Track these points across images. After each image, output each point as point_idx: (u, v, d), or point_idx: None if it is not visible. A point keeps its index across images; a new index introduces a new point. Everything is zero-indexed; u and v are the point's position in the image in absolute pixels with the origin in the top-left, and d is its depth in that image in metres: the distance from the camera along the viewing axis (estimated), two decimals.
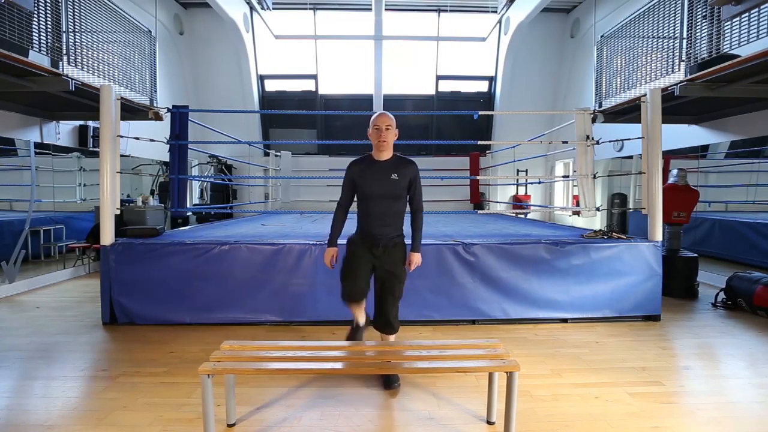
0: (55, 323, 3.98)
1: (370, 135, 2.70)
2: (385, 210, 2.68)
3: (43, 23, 3.96)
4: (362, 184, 2.69)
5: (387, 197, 2.67)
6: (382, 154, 2.70)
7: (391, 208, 2.69)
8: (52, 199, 5.93)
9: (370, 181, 2.67)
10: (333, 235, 2.80)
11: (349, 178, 2.74)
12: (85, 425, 2.30)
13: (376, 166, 2.69)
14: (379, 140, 2.65)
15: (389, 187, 2.66)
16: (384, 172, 2.67)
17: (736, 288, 4.49)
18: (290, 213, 7.50)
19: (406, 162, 2.73)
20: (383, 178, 2.66)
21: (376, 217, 2.68)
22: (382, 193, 2.66)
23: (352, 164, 2.76)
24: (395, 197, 2.68)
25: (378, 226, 2.68)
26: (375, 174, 2.67)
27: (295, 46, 9.92)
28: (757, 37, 3.53)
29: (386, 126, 2.65)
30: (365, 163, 2.73)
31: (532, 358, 3.21)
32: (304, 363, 2.22)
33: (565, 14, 9.71)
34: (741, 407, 2.55)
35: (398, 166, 2.69)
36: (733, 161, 5.81)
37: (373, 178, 2.67)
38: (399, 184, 2.67)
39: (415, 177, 2.73)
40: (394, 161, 2.71)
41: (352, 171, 2.73)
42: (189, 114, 4.99)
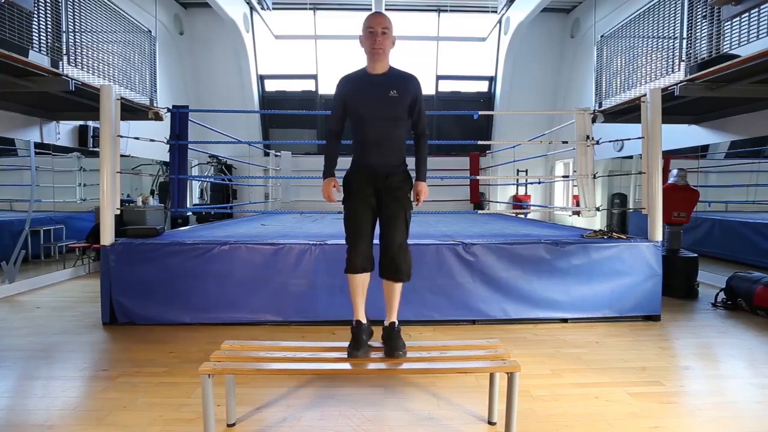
0: (55, 323, 3.98)
1: (362, 41, 2.28)
2: (385, 135, 2.31)
3: (43, 23, 3.96)
4: (356, 105, 2.30)
5: (386, 119, 2.29)
6: (377, 66, 2.29)
7: (391, 132, 2.32)
8: (52, 199, 5.93)
9: (365, 101, 2.29)
10: (328, 165, 2.41)
11: (340, 98, 2.35)
12: (85, 425, 2.30)
13: (371, 82, 2.29)
14: (374, 46, 2.23)
15: (388, 106, 2.27)
16: (381, 88, 2.27)
17: (736, 288, 4.49)
18: (290, 213, 7.50)
19: (406, 76, 2.34)
20: (380, 96, 2.27)
21: (373, 144, 2.32)
22: (379, 114, 2.28)
23: (342, 80, 2.37)
24: (395, 119, 2.31)
25: (377, 155, 2.33)
26: (370, 91, 2.28)
27: (295, 46, 9.92)
28: (757, 37, 3.53)
29: (383, 29, 2.22)
30: (358, 79, 2.32)
31: (532, 358, 3.21)
32: (304, 363, 2.22)
33: (565, 14, 9.71)
34: (741, 407, 2.55)
35: (397, 80, 2.29)
36: (733, 161, 5.81)
37: (368, 96, 2.28)
38: (399, 102, 2.28)
39: (418, 94, 2.35)
40: (393, 75, 2.31)
41: (343, 89, 2.34)
42: (189, 114, 4.99)
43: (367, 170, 2.36)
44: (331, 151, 2.44)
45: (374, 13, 2.32)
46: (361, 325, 2.36)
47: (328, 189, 2.39)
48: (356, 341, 2.29)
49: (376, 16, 2.29)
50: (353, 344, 2.28)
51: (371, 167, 2.35)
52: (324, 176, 2.40)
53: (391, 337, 2.30)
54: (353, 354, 2.24)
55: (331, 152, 2.44)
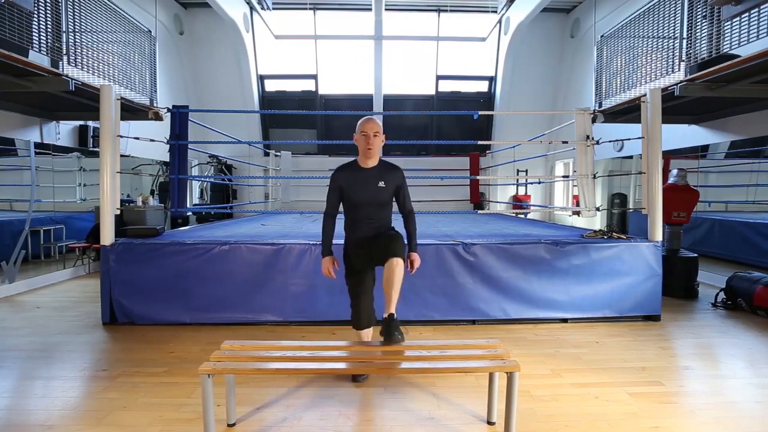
0: (55, 323, 3.98)
1: (357, 141, 2.68)
2: (372, 216, 2.69)
3: (43, 23, 3.96)
4: (349, 193, 2.67)
5: (374, 204, 2.67)
6: (368, 161, 2.69)
7: (379, 213, 2.70)
8: (52, 199, 5.93)
9: (357, 190, 2.66)
10: (326, 245, 2.74)
11: (336, 186, 2.70)
12: (85, 425, 2.30)
13: (362, 174, 2.67)
14: (366, 147, 2.62)
15: (376, 195, 2.66)
16: (371, 180, 2.65)
17: (736, 288, 4.49)
18: (290, 213, 7.50)
19: (392, 168, 2.73)
20: (370, 187, 2.65)
21: (364, 223, 2.69)
22: (369, 201, 2.66)
23: (338, 171, 2.72)
24: (383, 204, 2.70)
25: (366, 229, 2.69)
26: (362, 182, 2.66)
27: (295, 46, 9.92)
28: (757, 37, 3.53)
29: (374, 133, 2.62)
30: (352, 171, 2.70)
31: (532, 358, 3.21)
32: (304, 363, 2.22)
33: (565, 14, 9.72)
34: (741, 407, 2.55)
35: (385, 173, 2.68)
36: (733, 161, 5.81)
37: (360, 186, 2.66)
38: (386, 191, 2.67)
39: (402, 182, 2.73)
40: (381, 168, 2.70)
41: (338, 178, 2.70)
42: (189, 114, 4.99)
43: (359, 241, 2.71)
44: (328, 232, 2.75)
45: (367, 119, 2.66)
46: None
47: (328, 266, 2.72)
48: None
49: (369, 121, 2.65)
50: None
51: (361, 241, 2.70)
52: (323, 254, 2.74)
53: (390, 326, 2.42)
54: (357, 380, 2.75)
55: (329, 231, 2.76)
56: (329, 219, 2.75)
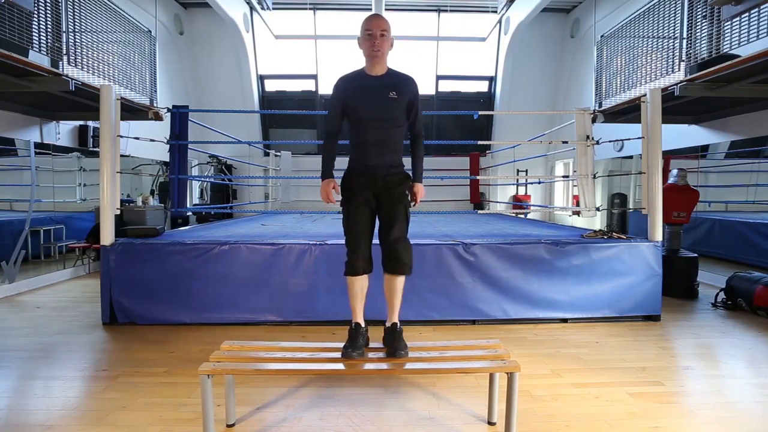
0: (55, 323, 3.98)
1: (361, 43, 2.30)
2: (384, 137, 2.32)
3: (43, 23, 3.96)
4: (355, 106, 2.30)
5: (385, 120, 2.30)
6: (375, 68, 2.30)
7: (390, 134, 2.33)
8: (52, 199, 5.93)
9: (365, 102, 2.29)
10: (326, 166, 2.39)
11: (339, 99, 2.34)
12: (85, 425, 2.30)
13: (369, 83, 2.30)
14: (372, 48, 2.24)
15: (387, 108, 2.28)
16: (380, 90, 2.28)
17: (736, 288, 4.49)
18: (290, 213, 7.51)
19: (404, 77, 2.35)
20: (380, 98, 2.27)
21: (372, 145, 2.32)
22: (379, 115, 2.29)
23: (340, 81, 2.36)
24: (394, 120, 2.32)
25: (375, 156, 2.32)
26: (370, 93, 2.28)
27: (295, 46, 9.92)
28: (757, 37, 3.53)
29: (381, 31, 2.24)
30: (357, 80, 2.33)
31: (532, 358, 3.21)
32: (304, 363, 2.22)
33: (565, 14, 9.71)
34: (741, 407, 2.55)
35: (396, 82, 2.31)
36: (733, 161, 5.81)
37: (367, 97, 2.28)
38: (398, 104, 2.30)
39: (416, 95, 2.37)
40: (391, 76, 2.33)
41: (341, 90, 2.33)
42: (189, 114, 4.99)
43: (365, 171, 2.36)
44: (329, 153, 2.43)
45: (372, 15, 2.33)
46: (360, 327, 2.36)
47: (326, 190, 2.38)
48: (352, 342, 2.29)
49: (375, 18, 2.30)
50: (349, 344, 2.28)
51: (369, 168, 2.35)
52: (322, 177, 2.39)
53: (393, 337, 2.30)
54: (348, 354, 2.22)
55: (330, 153, 2.43)
56: (331, 138, 2.42)
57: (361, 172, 2.37)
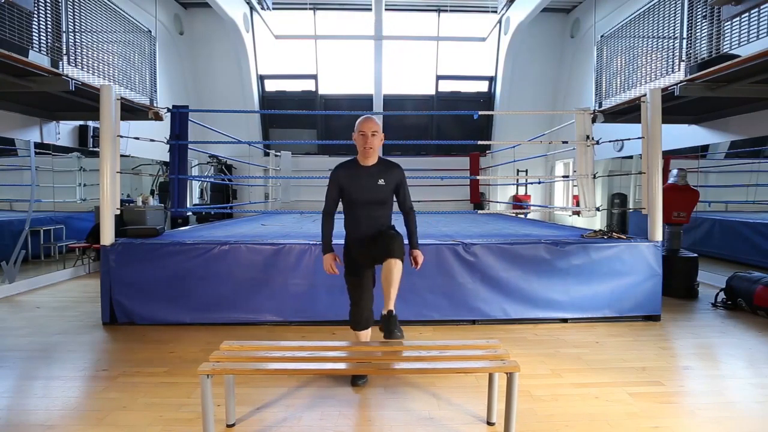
0: (55, 323, 3.98)
1: (356, 140, 2.68)
2: (373, 214, 2.69)
3: (43, 23, 3.96)
4: (349, 191, 2.67)
5: (374, 203, 2.67)
6: (368, 160, 2.68)
7: (379, 212, 2.70)
8: (52, 199, 5.93)
9: (357, 188, 2.66)
10: (326, 242, 2.74)
11: (336, 184, 2.70)
12: (85, 425, 2.30)
13: (362, 172, 2.67)
14: (365, 146, 2.63)
15: (376, 193, 2.65)
16: (371, 179, 2.65)
17: (736, 288, 4.49)
18: (290, 213, 7.50)
19: (391, 166, 2.73)
20: (370, 185, 2.65)
21: (364, 221, 2.69)
22: (369, 199, 2.66)
23: (337, 169, 2.72)
24: (382, 202, 2.69)
25: (366, 227, 2.69)
26: (362, 180, 2.66)
27: (295, 46, 9.92)
28: (757, 37, 3.53)
29: (372, 132, 2.63)
30: (352, 169, 2.70)
31: (532, 358, 3.21)
32: (304, 363, 2.21)
33: (565, 14, 9.71)
34: (741, 407, 2.55)
35: (384, 171, 2.68)
36: (733, 161, 5.81)
37: (360, 184, 2.66)
38: (386, 189, 2.67)
39: (402, 180, 2.73)
40: (380, 166, 2.70)
41: (338, 177, 2.70)
42: (189, 114, 4.99)
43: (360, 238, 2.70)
44: (327, 229, 2.76)
45: (365, 118, 2.66)
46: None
47: (329, 263, 2.71)
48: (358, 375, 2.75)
49: (367, 120, 2.64)
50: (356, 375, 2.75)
51: (361, 240, 2.70)
52: (324, 252, 2.74)
53: (389, 322, 2.43)
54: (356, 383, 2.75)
55: (328, 230, 2.76)
56: (328, 217, 2.76)
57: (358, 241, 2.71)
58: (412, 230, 2.80)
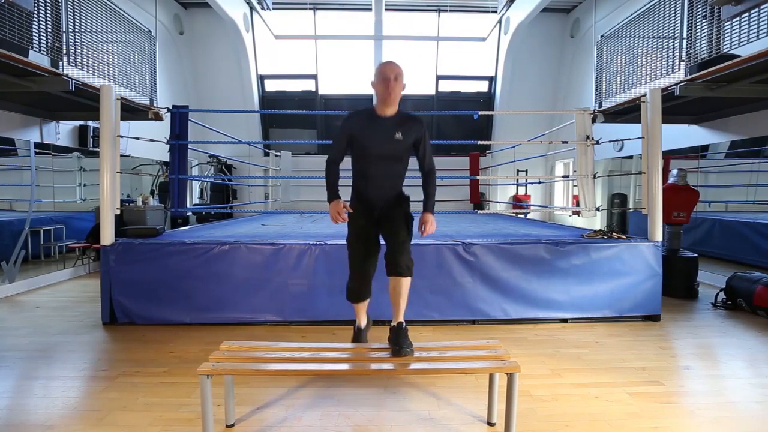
0: (55, 323, 3.98)
1: (376, 87, 2.41)
2: (385, 172, 2.45)
3: (43, 23, 3.96)
4: (362, 141, 2.42)
5: (388, 159, 2.42)
6: (387, 110, 2.42)
7: (392, 170, 2.45)
8: (52, 199, 5.93)
9: (371, 140, 2.41)
10: (333, 190, 2.51)
11: (347, 133, 2.45)
12: (85, 425, 2.30)
13: (379, 123, 2.42)
14: (386, 92, 2.35)
15: (392, 147, 2.40)
16: (388, 131, 2.40)
17: (736, 288, 4.49)
18: (290, 213, 7.50)
19: (412, 119, 2.46)
20: (386, 137, 2.39)
21: (374, 179, 2.46)
22: (383, 153, 2.41)
23: (351, 116, 2.47)
24: (397, 159, 2.44)
25: (376, 189, 2.47)
26: (377, 131, 2.40)
27: (295, 46, 9.92)
28: (757, 37, 3.53)
29: (395, 76, 2.35)
30: (367, 118, 2.44)
31: (532, 358, 3.21)
32: (304, 364, 2.22)
33: (565, 14, 9.71)
34: (741, 407, 2.55)
35: (403, 124, 2.43)
36: (733, 161, 5.81)
37: (374, 136, 2.40)
38: (402, 144, 2.42)
39: (423, 136, 2.48)
40: (399, 118, 2.45)
41: (351, 124, 2.45)
42: (189, 114, 4.99)
43: (366, 204, 2.50)
44: (332, 178, 2.54)
45: (388, 62, 2.41)
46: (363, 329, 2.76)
47: (336, 209, 2.46)
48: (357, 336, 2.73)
49: (390, 64, 2.39)
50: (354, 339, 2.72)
51: (371, 201, 2.49)
52: (330, 200, 2.50)
53: (399, 336, 2.33)
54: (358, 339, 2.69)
55: (333, 179, 2.54)
56: (333, 165, 2.53)
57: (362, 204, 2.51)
58: (429, 193, 2.55)
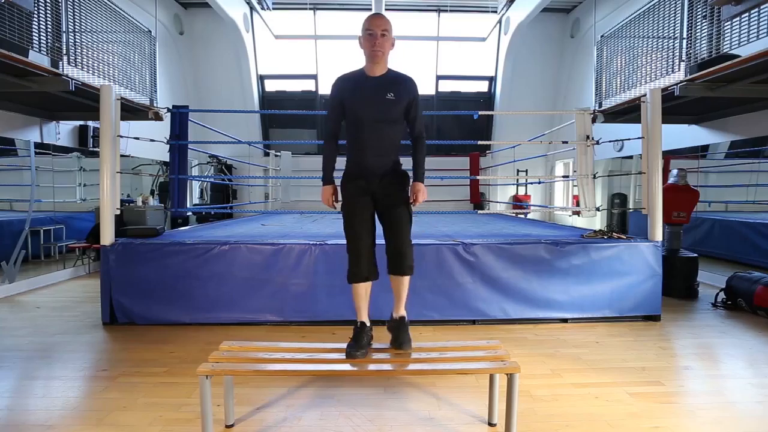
0: (55, 323, 3.98)
1: (362, 43, 2.28)
2: (380, 137, 2.30)
3: (43, 23, 3.96)
4: (353, 106, 2.29)
5: (382, 121, 2.29)
6: (375, 68, 2.29)
7: (387, 134, 2.31)
8: (52, 199, 5.93)
9: (362, 102, 2.28)
10: (327, 171, 2.42)
11: (337, 99, 2.33)
12: (85, 425, 2.30)
13: (368, 84, 2.29)
14: (373, 48, 2.22)
15: (384, 109, 2.28)
16: (378, 91, 2.27)
17: (736, 288, 4.49)
18: (290, 213, 7.50)
19: (403, 78, 2.34)
20: (377, 98, 2.27)
21: (369, 145, 2.31)
22: (376, 116, 2.28)
23: (339, 80, 2.35)
24: (391, 121, 2.31)
25: (372, 156, 2.32)
26: (367, 93, 2.28)
27: (295, 46, 9.92)
28: (757, 37, 3.53)
29: (382, 31, 2.21)
30: (355, 80, 2.32)
31: (532, 358, 3.21)
32: (303, 364, 2.21)
33: (565, 14, 9.71)
34: (741, 407, 2.55)
35: (395, 83, 2.30)
36: (733, 161, 5.81)
37: (365, 97, 2.28)
38: (396, 105, 2.29)
39: (415, 96, 2.35)
40: (390, 77, 2.32)
41: (339, 89, 2.33)
42: (189, 114, 4.99)
43: (363, 173, 2.35)
44: (329, 155, 2.44)
45: (374, 15, 2.30)
46: (365, 326, 2.38)
47: (327, 195, 2.42)
48: (357, 341, 2.30)
49: (376, 17, 2.27)
50: (353, 344, 2.29)
51: (367, 169, 2.34)
52: (324, 182, 2.42)
53: (399, 329, 2.31)
54: (352, 354, 2.23)
55: (330, 155, 2.44)
56: (330, 141, 2.43)
57: (358, 174, 2.37)
58: (418, 161, 2.42)
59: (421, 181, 2.39)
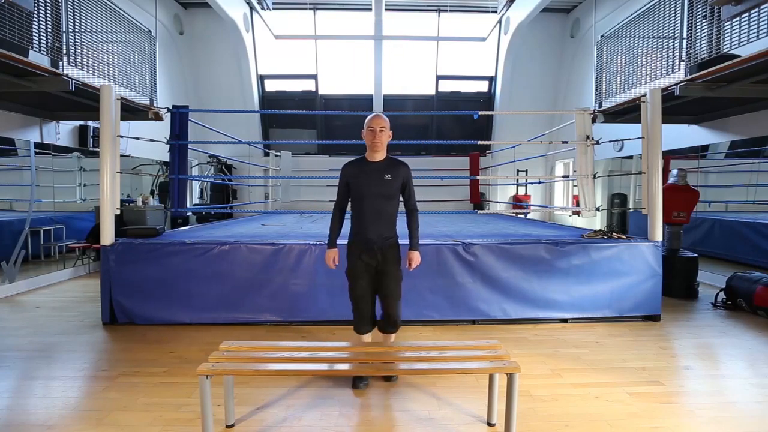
0: (55, 323, 3.98)
1: (365, 136, 2.76)
2: (379, 209, 2.73)
3: (43, 23, 3.96)
4: (356, 185, 2.75)
5: (380, 197, 2.72)
6: (375, 155, 2.77)
7: (385, 207, 2.74)
8: (52, 199, 5.93)
9: (364, 182, 2.73)
10: (332, 237, 2.86)
11: (344, 181, 2.81)
12: (85, 425, 2.30)
13: (369, 167, 2.76)
14: (374, 141, 2.72)
15: (382, 187, 2.72)
16: (378, 173, 2.73)
17: (736, 288, 4.49)
18: (290, 213, 7.50)
19: (398, 163, 2.80)
20: (377, 179, 2.72)
21: (369, 216, 2.73)
22: (375, 192, 2.72)
23: (346, 166, 2.83)
24: (388, 197, 2.74)
25: (372, 224, 2.72)
26: (369, 175, 2.73)
27: (295, 46, 9.92)
28: (757, 37, 3.53)
29: (380, 128, 2.72)
30: (359, 165, 2.80)
31: (532, 358, 3.21)
32: (303, 364, 2.21)
33: (565, 14, 9.71)
34: (741, 407, 2.55)
35: (391, 167, 2.76)
36: (733, 161, 5.81)
37: (366, 178, 2.73)
38: (392, 184, 2.73)
39: (408, 178, 2.80)
40: (387, 162, 2.78)
41: (346, 173, 2.81)
42: (189, 114, 4.99)
43: (364, 243, 2.73)
44: (335, 224, 2.87)
45: (374, 115, 2.76)
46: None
47: (330, 258, 2.84)
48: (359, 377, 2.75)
49: (376, 117, 2.74)
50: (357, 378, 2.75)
51: (367, 238, 2.72)
52: (328, 246, 2.85)
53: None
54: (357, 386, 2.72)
55: (336, 225, 2.88)
56: (338, 212, 2.86)
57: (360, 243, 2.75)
58: (413, 230, 2.85)
59: (416, 249, 2.84)
